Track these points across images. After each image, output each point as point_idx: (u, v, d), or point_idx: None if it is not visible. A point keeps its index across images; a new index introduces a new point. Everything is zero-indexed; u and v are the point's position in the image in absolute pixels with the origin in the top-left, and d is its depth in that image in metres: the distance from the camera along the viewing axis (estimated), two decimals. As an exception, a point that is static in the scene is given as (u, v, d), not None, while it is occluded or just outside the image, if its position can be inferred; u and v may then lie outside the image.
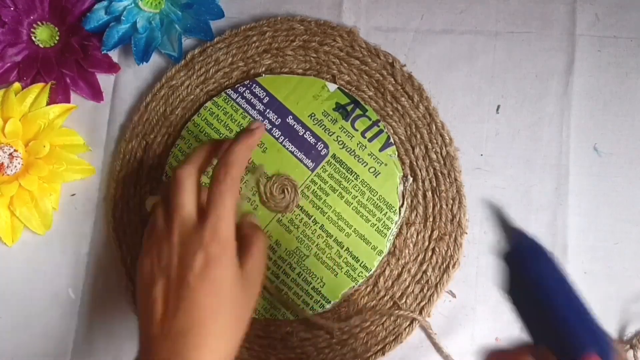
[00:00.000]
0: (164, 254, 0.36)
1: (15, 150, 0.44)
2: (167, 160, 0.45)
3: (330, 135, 0.44)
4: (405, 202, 0.43)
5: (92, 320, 0.44)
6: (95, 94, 0.47)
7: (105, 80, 0.48)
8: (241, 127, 0.44)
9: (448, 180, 0.44)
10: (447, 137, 0.45)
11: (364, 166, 0.43)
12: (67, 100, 0.47)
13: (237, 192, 0.36)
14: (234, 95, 0.45)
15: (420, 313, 0.42)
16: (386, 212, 0.43)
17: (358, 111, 0.44)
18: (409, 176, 0.44)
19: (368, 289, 0.43)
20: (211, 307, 0.34)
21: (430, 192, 0.44)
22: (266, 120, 0.44)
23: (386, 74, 0.46)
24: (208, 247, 0.35)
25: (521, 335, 0.43)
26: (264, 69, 0.46)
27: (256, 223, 0.41)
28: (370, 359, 0.42)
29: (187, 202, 0.37)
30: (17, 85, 0.46)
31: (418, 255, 0.43)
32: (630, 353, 0.42)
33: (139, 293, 0.37)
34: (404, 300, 0.43)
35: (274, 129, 0.44)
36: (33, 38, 0.47)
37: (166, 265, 0.36)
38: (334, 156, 0.44)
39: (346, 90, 0.45)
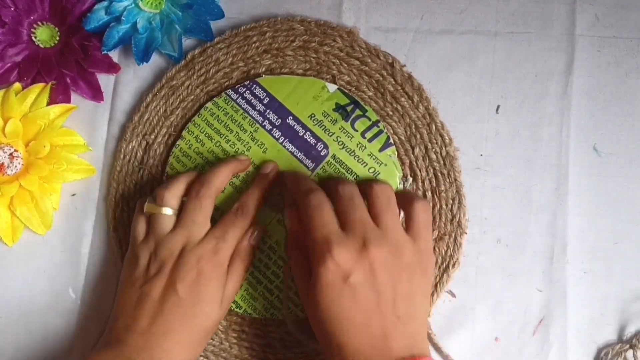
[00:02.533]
0: (162, 256, 0.39)
1: (15, 150, 0.45)
2: (167, 161, 0.45)
3: (330, 136, 0.44)
4: (405, 202, 0.43)
5: (92, 319, 0.44)
6: (96, 94, 0.47)
7: (105, 80, 0.48)
8: (241, 128, 0.44)
9: (448, 180, 0.44)
10: (447, 137, 0.45)
11: (364, 166, 0.44)
12: (68, 101, 0.47)
13: (245, 228, 0.41)
14: (234, 96, 0.45)
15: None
16: (386, 212, 0.43)
17: (358, 111, 0.44)
18: (409, 176, 0.44)
19: (368, 289, 0.43)
20: (194, 317, 0.38)
21: (430, 192, 0.44)
22: (266, 121, 0.44)
23: (386, 74, 0.46)
24: (205, 264, 0.38)
25: (521, 335, 0.43)
26: (264, 69, 0.46)
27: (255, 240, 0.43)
28: (370, 359, 0.42)
29: (200, 221, 0.40)
30: (17, 85, 0.46)
31: (418, 255, 0.43)
32: (630, 353, 0.42)
33: (127, 281, 0.40)
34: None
35: (274, 129, 0.44)
36: (33, 38, 0.47)
37: (162, 267, 0.39)
38: (333, 156, 0.44)
39: (346, 91, 0.45)
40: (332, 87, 0.45)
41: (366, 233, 0.36)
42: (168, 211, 0.40)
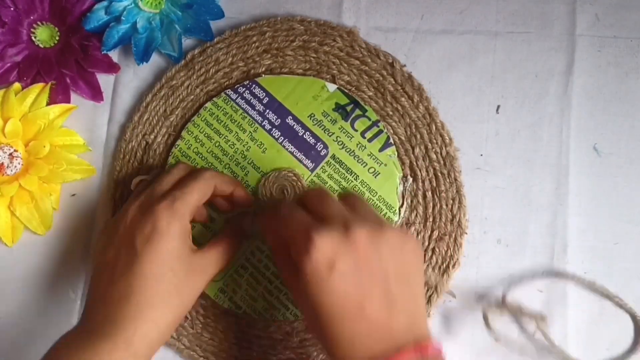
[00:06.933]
0: (121, 222, 0.38)
1: (15, 150, 0.45)
2: (167, 161, 0.45)
3: (330, 136, 0.44)
4: (405, 203, 0.43)
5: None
6: (95, 94, 0.47)
7: (105, 80, 0.48)
8: (241, 128, 0.44)
9: (448, 180, 0.44)
10: (447, 137, 0.45)
11: (364, 166, 0.44)
12: (67, 100, 0.47)
13: (207, 195, 0.39)
14: (234, 96, 0.45)
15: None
16: (386, 213, 0.43)
17: (358, 111, 0.44)
18: (409, 176, 0.44)
19: (368, 289, 0.43)
20: (153, 276, 0.35)
21: (430, 192, 0.44)
22: (266, 121, 0.44)
23: (386, 74, 0.46)
24: (159, 218, 0.36)
25: (519, 337, 0.43)
26: (263, 69, 0.46)
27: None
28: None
29: (165, 182, 0.39)
30: (17, 85, 0.46)
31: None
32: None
33: (94, 260, 0.39)
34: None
35: (274, 129, 0.44)
36: (33, 38, 0.47)
37: (120, 231, 0.37)
38: (333, 156, 0.44)
39: (346, 91, 0.45)
40: (331, 87, 0.45)
41: (346, 218, 0.34)
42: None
